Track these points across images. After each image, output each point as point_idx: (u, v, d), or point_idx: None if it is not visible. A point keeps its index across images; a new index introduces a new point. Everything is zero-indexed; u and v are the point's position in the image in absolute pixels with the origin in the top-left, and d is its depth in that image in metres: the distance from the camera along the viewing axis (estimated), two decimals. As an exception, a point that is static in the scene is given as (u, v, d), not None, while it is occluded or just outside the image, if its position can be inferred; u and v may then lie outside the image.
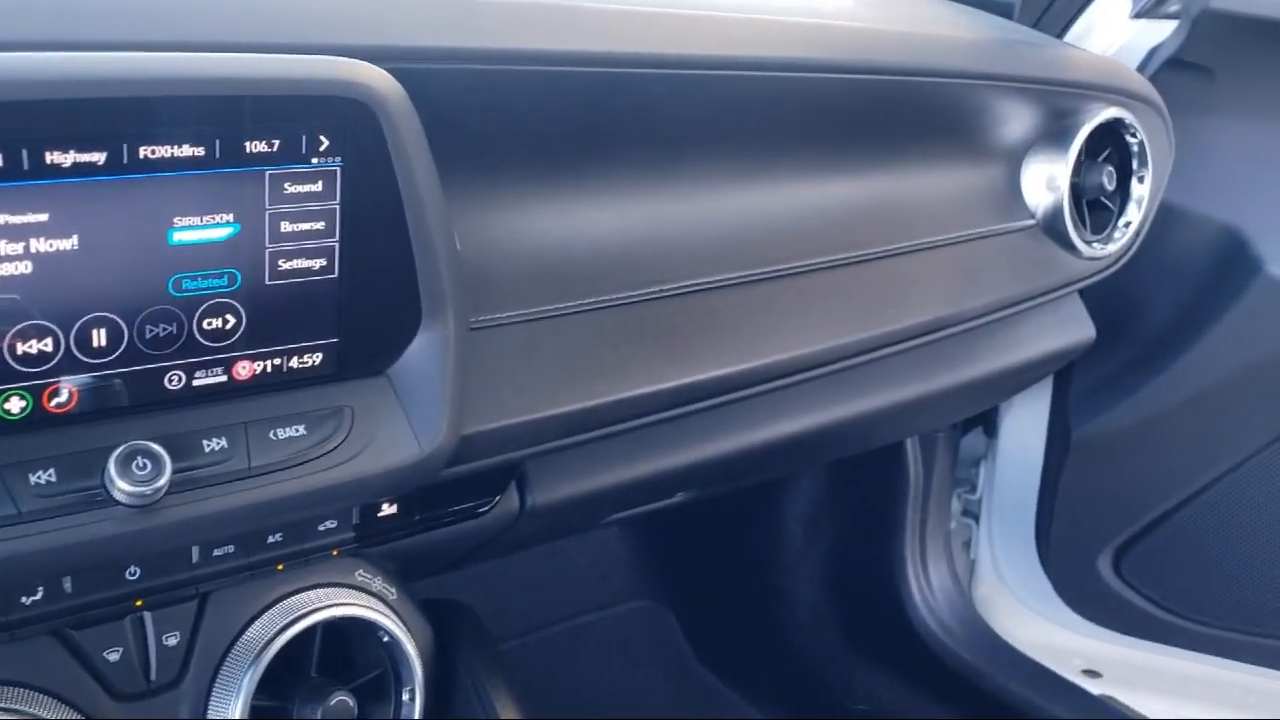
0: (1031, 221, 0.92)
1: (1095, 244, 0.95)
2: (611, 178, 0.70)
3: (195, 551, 0.58)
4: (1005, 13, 1.04)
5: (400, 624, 0.64)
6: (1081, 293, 1.13)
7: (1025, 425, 1.25)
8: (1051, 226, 0.92)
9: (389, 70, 0.51)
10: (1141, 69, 1.10)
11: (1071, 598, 1.26)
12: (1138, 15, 1.13)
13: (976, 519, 1.36)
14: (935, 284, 0.86)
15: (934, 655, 1.24)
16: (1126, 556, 1.21)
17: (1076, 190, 0.93)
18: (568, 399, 0.65)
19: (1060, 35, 1.11)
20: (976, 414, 1.25)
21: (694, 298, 0.72)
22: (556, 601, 1.45)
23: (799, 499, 1.33)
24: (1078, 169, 0.93)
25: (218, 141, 0.47)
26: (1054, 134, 0.91)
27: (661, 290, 0.71)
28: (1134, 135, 0.95)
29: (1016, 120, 0.89)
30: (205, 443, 0.51)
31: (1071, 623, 1.30)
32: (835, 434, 0.91)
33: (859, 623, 1.31)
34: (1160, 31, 1.11)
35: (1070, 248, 0.93)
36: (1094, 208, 0.96)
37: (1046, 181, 0.92)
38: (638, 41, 0.66)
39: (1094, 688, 1.35)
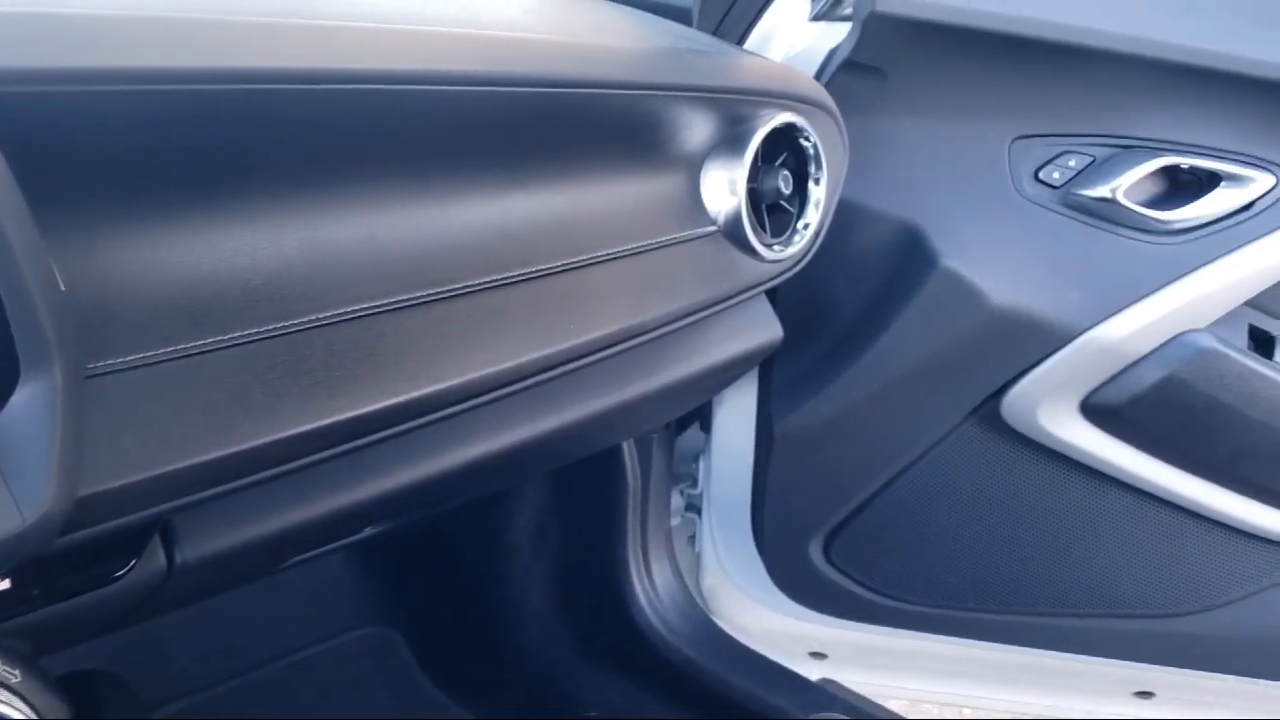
0: (713, 228, 0.93)
1: (776, 247, 0.97)
2: (260, 200, 0.65)
3: None
4: (684, 19, 1.05)
5: (27, 710, 0.57)
6: (773, 293, 1.17)
7: (736, 420, 1.28)
8: (732, 232, 0.93)
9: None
10: (821, 72, 1.14)
11: (788, 585, 1.30)
12: (816, 19, 1.17)
13: (700, 513, 1.38)
14: (618, 295, 0.85)
15: (660, 655, 1.25)
16: (835, 543, 1.26)
17: (755, 195, 0.95)
18: (209, 446, 0.60)
19: (741, 40, 1.14)
20: (685, 413, 1.27)
21: (357, 324, 0.69)
22: (276, 636, 1.38)
23: (523, 510, 1.32)
24: (754, 174, 0.94)
25: None
26: (730, 141, 0.93)
27: (319, 319, 0.67)
28: (807, 139, 0.97)
29: (692, 129, 0.90)
30: None
31: (794, 609, 1.34)
32: (531, 451, 0.90)
33: (587, 629, 1.31)
34: (838, 34, 1.15)
35: (752, 252, 0.94)
36: (774, 211, 0.99)
37: (725, 188, 0.93)
38: (270, 55, 0.62)
39: (821, 669, 1.40)
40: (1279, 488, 1.12)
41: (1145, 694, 1.33)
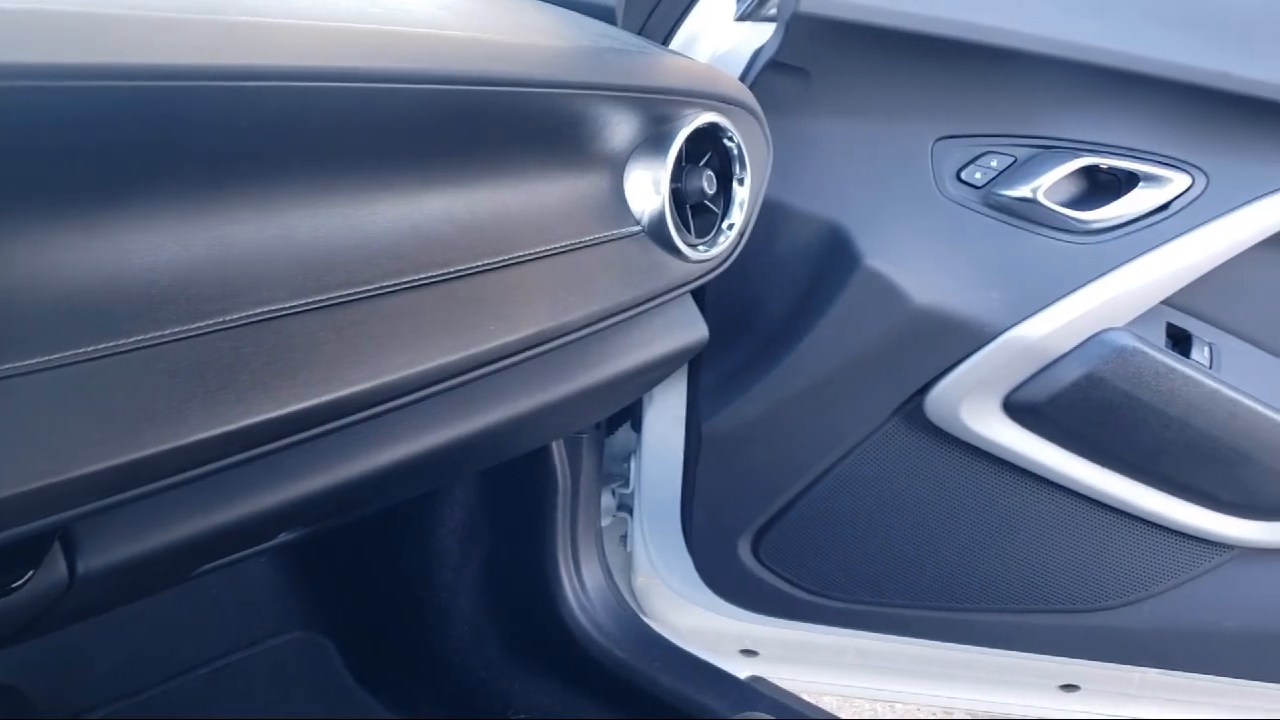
0: (637, 228, 0.93)
1: (700, 247, 0.97)
2: (163, 201, 0.64)
3: None
4: (608, 18, 1.05)
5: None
6: (700, 293, 1.16)
7: (666, 420, 1.28)
8: (656, 232, 0.93)
9: None
10: (746, 72, 1.14)
11: (717, 584, 1.30)
12: (741, 19, 1.17)
13: (631, 512, 1.38)
14: (540, 296, 0.85)
15: (590, 655, 1.24)
16: (763, 541, 1.26)
17: (679, 195, 0.95)
18: (108, 453, 0.58)
19: (666, 40, 1.14)
20: (615, 413, 1.26)
21: (267, 326, 0.67)
22: (201, 642, 1.35)
23: (453, 512, 1.31)
24: (678, 174, 0.94)
25: None
26: (653, 141, 0.92)
27: (226, 321, 0.65)
28: (731, 139, 0.97)
29: (615, 128, 0.89)
30: None
31: (724, 607, 1.34)
32: (454, 454, 0.89)
33: (517, 631, 1.30)
34: (763, 35, 1.15)
35: (676, 252, 0.94)
36: (698, 211, 0.98)
37: (649, 188, 0.92)
38: (170, 52, 0.60)
39: (751, 666, 1.41)
40: (1196, 483, 1.14)
41: (1070, 687, 1.34)
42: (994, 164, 1.10)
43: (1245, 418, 1.09)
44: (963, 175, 1.11)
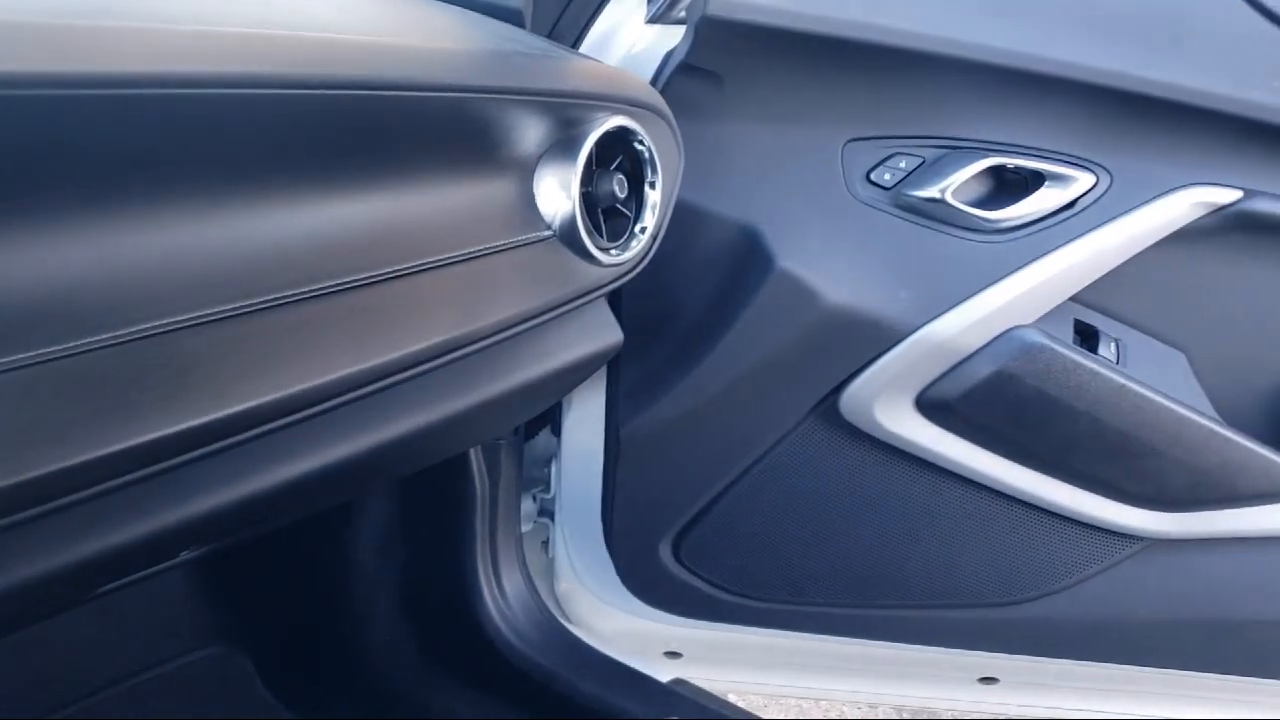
0: (548, 233, 0.92)
1: (613, 251, 0.96)
2: (41, 216, 0.61)
3: None
4: (516, 20, 1.04)
5: None
6: (616, 297, 1.16)
7: (586, 424, 1.27)
8: (567, 236, 0.92)
9: None
10: (658, 75, 1.14)
11: (638, 587, 1.30)
12: (652, 21, 1.17)
13: (553, 517, 1.37)
14: (447, 303, 0.83)
15: (510, 663, 1.23)
16: (684, 543, 1.26)
17: (590, 199, 0.94)
18: (-10, 476, 0.56)
19: (576, 43, 1.13)
20: (534, 418, 1.25)
21: (159, 341, 0.65)
22: (112, 661, 1.32)
23: (367, 521, 1.29)
24: (589, 178, 0.93)
25: None
26: (562, 145, 0.91)
27: (116, 337, 0.63)
28: (642, 143, 0.97)
29: (523, 132, 0.88)
30: None
31: (647, 610, 1.34)
32: (362, 465, 0.87)
33: (437, 642, 1.28)
34: (675, 37, 1.15)
35: (588, 256, 0.93)
36: (610, 215, 0.98)
37: (559, 192, 0.91)
38: (48, 59, 0.58)
39: (675, 668, 1.41)
40: (1105, 476, 1.16)
41: (989, 679, 1.36)
42: (903, 165, 1.11)
43: (1151, 411, 1.11)
44: (872, 177, 1.12)
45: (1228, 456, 1.13)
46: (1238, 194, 1.09)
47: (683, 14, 1.15)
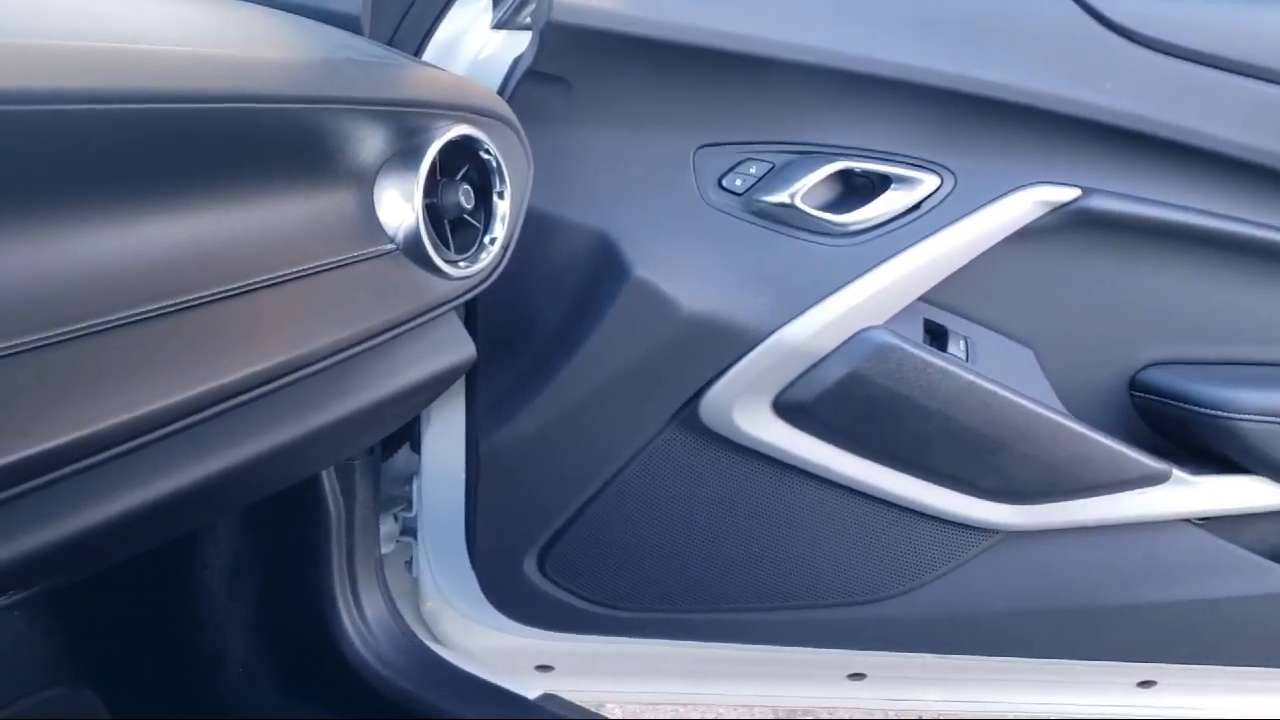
0: (391, 246, 0.89)
1: (461, 263, 0.94)
2: None
3: None
4: (354, 27, 1.00)
5: None
6: (472, 310, 1.14)
7: (445, 440, 1.24)
8: (412, 249, 0.89)
9: None
10: (505, 81, 1.12)
11: (504, 604, 1.28)
12: (497, 27, 1.15)
13: (416, 536, 1.33)
14: (284, 323, 0.80)
15: (373, 689, 1.20)
16: (549, 557, 1.24)
17: (435, 211, 0.92)
18: None
19: (419, 49, 1.10)
20: (388, 436, 1.22)
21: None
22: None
23: (217, 550, 1.23)
24: (433, 189, 0.91)
25: None
26: (403, 155, 0.89)
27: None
28: (487, 152, 0.95)
29: (360, 143, 0.85)
30: None
31: (515, 626, 1.31)
32: (200, 494, 0.83)
33: (295, 670, 1.24)
34: (523, 42, 1.13)
35: (434, 269, 0.91)
36: (459, 227, 0.96)
37: (401, 204, 0.89)
38: None
39: (547, 682, 1.38)
40: (959, 472, 1.18)
41: (857, 675, 1.38)
42: (753, 171, 1.12)
43: (1000, 407, 1.13)
44: (724, 183, 1.12)
45: (1075, 449, 1.17)
46: (1076, 192, 1.12)
47: (528, 19, 1.13)
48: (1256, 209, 1.15)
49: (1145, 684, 1.37)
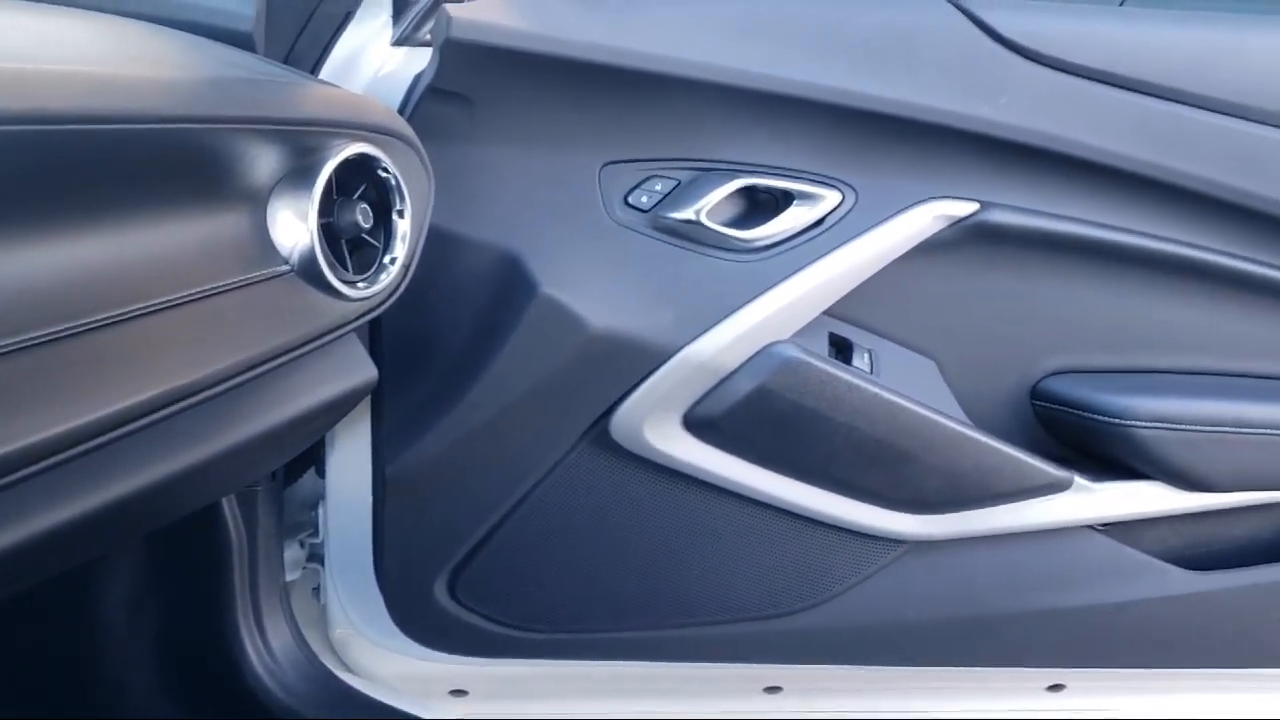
0: (286, 268, 0.87)
1: (360, 284, 0.92)
2: None
3: None
4: (247, 45, 0.99)
5: None
6: (376, 331, 1.12)
7: (351, 464, 1.22)
8: (307, 271, 0.88)
9: None
10: (407, 99, 1.10)
11: (414, 630, 1.25)
12: (398, 43, 1.14)
13: (323, 562, 1.31)
14: (174, 348, 0.78)
15: (278, 719, 1.17)
16: (460, 581, 1.23)
17: (332, 230, 0.90)
18: None
19: (316, 67, 1.08)
20: (290, 461, 1.19)
21: None
22: None
23: (115, 582, 1.19)
24: (330, 209, 0.89)
25: None
26: (298, 174, 0.87)
27: None
28: (386, 170, 0.93)
29: (252, 163, 0.83)
30: None
31: (427, 652, 1.29)
32: (91, 526, 0.80)
33: (198, 703, 1.21)
34: (425, 59, 1.12)
35: (331, 291, 0.89)
36: (358, 246, 0.94)
37: (296, 224, 0.87)
38: None
39: (461, 706, 1.37)
40: (867, 484, 1.19)
41: (774, 689, 1.38)
42: (659, 188, 1.12)
43: (904, 419, 1.15)
44: (630, 199, 1.12)
45: (979, 459, 1.18)
46: (974, 206, 1.14)
47: (429, 36, 1.12)
48: (1147, 220, 1.18)
49: (1054, 688, 1.39)
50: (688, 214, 1.10)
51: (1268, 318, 1.24)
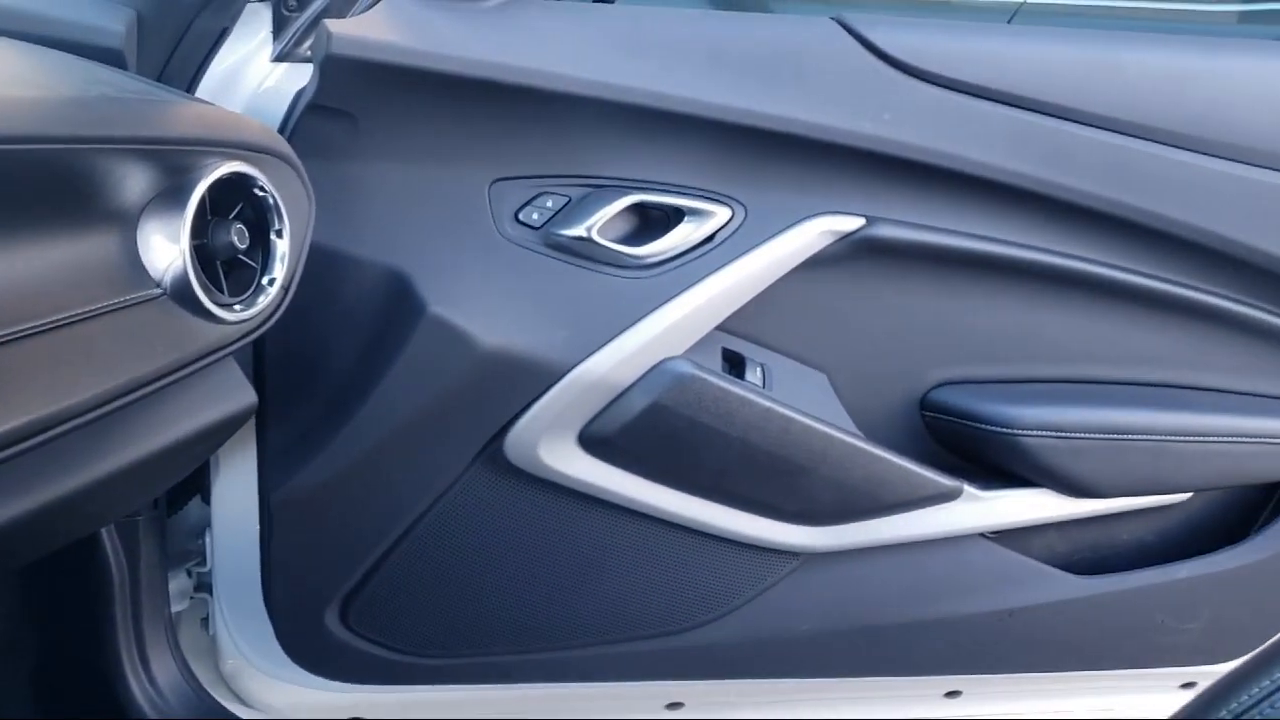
0: (157, 291, 0.84)
1: (236, 307, 0.89)
2: None
3: None
4: (117, 61, 0.96)
5: None
6: (260, 354, 1.09)
7: (236, 490, 1.18)
8: (180, 294, 0.85)
9: None
10: (289, 115, 1.08)
11: (307, 659, 1.23)
12: (279, 59, 1.11)
13: (212, 592, 1.27)
14: (35, 377, 0.75)
15: (166, 759, 1.13)
16: (352, 608, 1.20)
17: (205, 252, 0.87)
18: None
19: (192, 84, 1.06)
20: (171, 488, 1.16)
21: None
22: None
23: (-13, 619, 1.15)
24: (202, 229, 0.87)
25: None
26: (169, 194, 0.84)
27: None
28: (262, 189, 0.91)
29: (120, 184, 0.80)
30: None
31: (320, 681, 1.26)
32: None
33: (80, 743, 1.16)
34: (306, 75, 1.10)
35: (206, 314, 0.86)
36: (235, 267, 0.91)
37: (167, 246, 0.84)
38: None
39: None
40: (761, 497, 1.20)
41: (675, 704, 1.38)
42: (550, 204, 1.11)
43: (797, 432, 1.15)
44: (521, 216, 1.11)
45: (870, 470, 1.20)
46: (860, 221, 1.15)
47: (310, 52, 1.10)
48: (1030, 233, 1.20)
49: (952, 694, 1.41)
50: (579, 231, 1.10)
51: (1147, 326, 1.28)
